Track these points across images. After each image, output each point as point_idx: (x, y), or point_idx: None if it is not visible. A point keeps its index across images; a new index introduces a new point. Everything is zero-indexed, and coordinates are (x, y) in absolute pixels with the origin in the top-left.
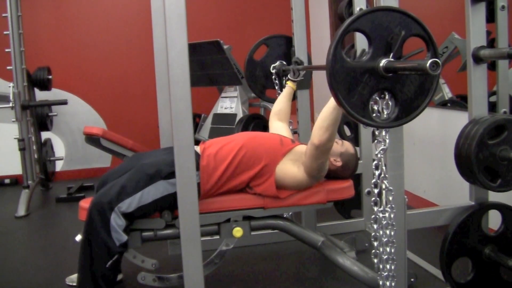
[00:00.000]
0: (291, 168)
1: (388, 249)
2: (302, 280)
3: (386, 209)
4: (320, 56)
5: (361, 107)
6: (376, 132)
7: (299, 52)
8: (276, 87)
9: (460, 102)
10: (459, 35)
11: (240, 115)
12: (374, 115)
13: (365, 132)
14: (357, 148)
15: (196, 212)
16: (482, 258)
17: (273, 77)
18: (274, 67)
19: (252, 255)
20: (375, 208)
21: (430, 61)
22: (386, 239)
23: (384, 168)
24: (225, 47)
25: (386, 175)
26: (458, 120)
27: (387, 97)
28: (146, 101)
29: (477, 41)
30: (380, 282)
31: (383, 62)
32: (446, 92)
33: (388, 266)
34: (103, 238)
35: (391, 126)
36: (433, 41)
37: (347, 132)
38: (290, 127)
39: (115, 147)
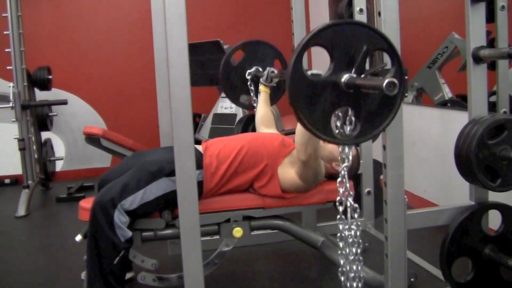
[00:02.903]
0: (290, 171)
1: (354, 267)
2: (302, 280)
3: (352, 227)
4: (320, 56)
5: (322, 123)
6: (340, 149)
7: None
8: (252, 93)
9: (460, 102)
10: (459, 35)
11: (240, 115)
12: (337, 131)
13: None
14: (357, 149)
15: (196, 212)
16: (482, 258)
17: (249, 83)
18: (249, 73)
19: (252, 255)
20: (340, 226)
21: (386, 81)
22: (352, 257)
23: (347, 185)
24: (225, 47)
25: (351, 193)
26: (458, 120)
27: (350, 113)
28: (146, 101)
29: (477, 41)
30: None
31: (344, 78)
32: (446, 92)
33: (355, 285)
34: (108, 235)
35: (353, 143)
36: (398, 56)
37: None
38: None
39: (115, 147)
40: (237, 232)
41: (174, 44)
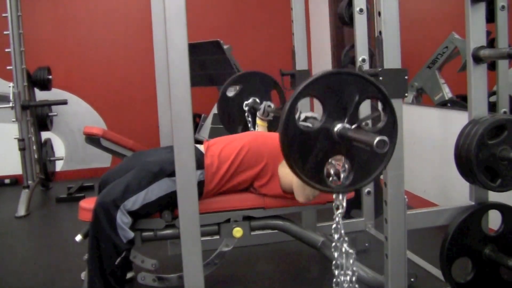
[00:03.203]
0: (288, 176)
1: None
2: (302, 280)
3: (348, 272)
4: (320, 56)
5: (315, 172)
6: (334, 196)
7: (299, 52)
8: (249, 124)
9: (460, 102)
10: (459, 35)
11: None
12: (330, 178)
13: None
14: None
15: (196, 212)
16: (482, 258)
17: (246, 114)
18: (246, 104)
19: (252, 255)
20: (336, 272)
21: (377, 139)
22: None
23: (342, 232)
24: (225, 47)
25: (346, 239)
26: (458, 120)
27: (343, 160)
28: (146, 101)
29: (477, 41)
30: None
31: (337, 128)
32: (446, 92)
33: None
34: (110, 236)
35: (346, 191)
36: (390, 104)
37: None
38: None
39: (115, 147)
40: (237, 232)
41: (174, 44)
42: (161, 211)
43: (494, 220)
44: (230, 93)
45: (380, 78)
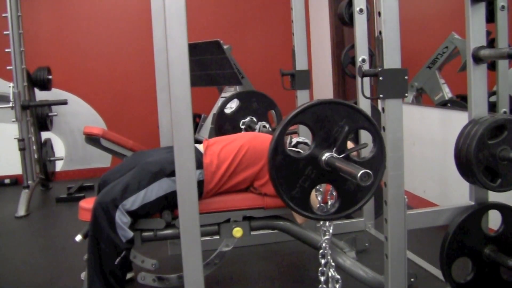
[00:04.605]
0: None
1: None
2: (302, 280)
3: None
4: (320, 56)
5: (302, 199)
6: (320, 223)
7: (299, 52)
8: None
9: (460, 102)
10: (459, 35)
11: None
12: (318, 205)
13: (365, 133)
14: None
15: (196, 212)
16: (482, 258)
17: (242, 132)
18: (243, 123)
19: (252, 255)
20: None
21: (361, 172)
22: None
23: (329, 257)
24: (225, 47)
25: (333, 264)
26: (458, 120)
27: (331, 188)
28: (146, 101)
29: (477, 41)
30: None
31: (325, 156)
32: (446, 92)
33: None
34: (109, 235)
35: (331, 219)
36: (379, 135)
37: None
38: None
39: (115, 147)
40: (237, 232)
41: (174, 44)
42: (161, 211)
43: (494, 220)
44: (228, 110)
45: (380, 78)
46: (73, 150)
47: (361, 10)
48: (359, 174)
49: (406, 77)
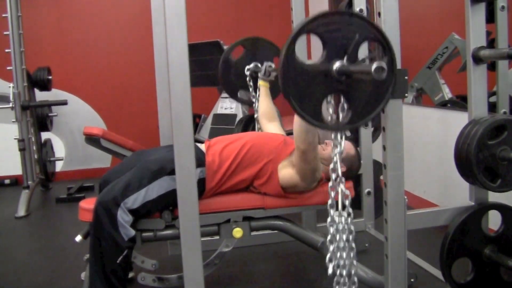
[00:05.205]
0: (289, 169)
1: (344, 254)
2: (302, 280)
3: (342, 213)
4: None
5: (313, 109)
6: (332, 135)
7: (299, 52)
8: (250, 89)
9: (460, 102)
10: (459, 35)
11: (240, 115)
12: (329, 117)
13: (365, 133)
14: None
15: (196, 213)
16: (482, 259)
17: (247, 79)
18: (248, 69)
19: (252, 255)
20: (331, 211)
21: (375, 65)
22: (342, 244)
23: (340, 172)
24: (225, 47)
25: (343, 179)
26: (458, 120)
27: (342, 100)
28: (146, 101)
29: (477, 42)
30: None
31: (336, 65)
32: (446, 93)
33: (344, 272)
34: (111, 234)
35: (342, 129)
36: (390, 46)
37: (347, 132)
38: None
39: (115, 148)
40: (237, 232)
41: (174, 44)
42: (161, 211)
43: (494, 220)
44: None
45: None
46: (73, 151)
47: (361, 11)
48: (373, 68)
49: (406, 77)
